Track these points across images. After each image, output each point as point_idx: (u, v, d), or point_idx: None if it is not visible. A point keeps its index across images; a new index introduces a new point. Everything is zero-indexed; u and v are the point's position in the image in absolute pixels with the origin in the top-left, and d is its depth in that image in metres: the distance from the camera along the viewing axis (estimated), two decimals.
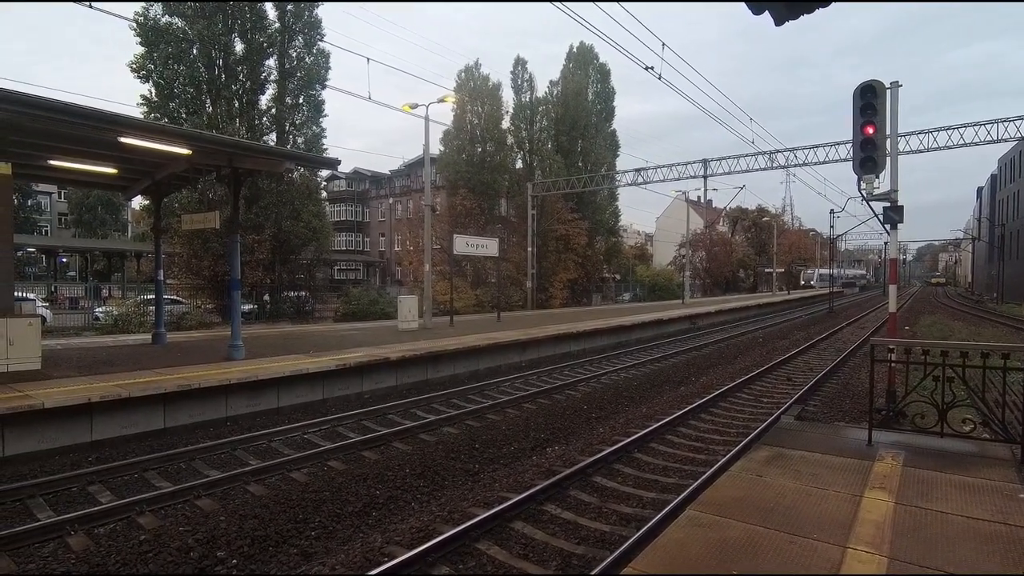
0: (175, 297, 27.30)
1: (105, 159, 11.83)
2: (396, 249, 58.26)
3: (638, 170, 34.53)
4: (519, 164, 42.40)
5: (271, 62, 29.02)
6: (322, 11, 30.33)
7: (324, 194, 39.86)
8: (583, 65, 46.18)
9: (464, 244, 21.02)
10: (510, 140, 41.52)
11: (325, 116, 31.04)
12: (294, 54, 29.70)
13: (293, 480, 7.17)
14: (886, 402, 8.57)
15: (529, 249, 35.67)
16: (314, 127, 30.66)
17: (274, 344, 14.56)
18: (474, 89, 38.61)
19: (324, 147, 30.63)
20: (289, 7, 29.06)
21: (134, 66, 25.89)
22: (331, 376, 11.31)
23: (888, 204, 9.03)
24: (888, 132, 8.84)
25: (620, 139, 48.48)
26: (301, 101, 30.26)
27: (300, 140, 29.98)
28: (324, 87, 30.59)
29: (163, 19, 26.26)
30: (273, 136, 29.15)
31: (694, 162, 32.87)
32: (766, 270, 63.55)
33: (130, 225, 66.45)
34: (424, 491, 6.87)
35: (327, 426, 9.60)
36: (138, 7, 26.36)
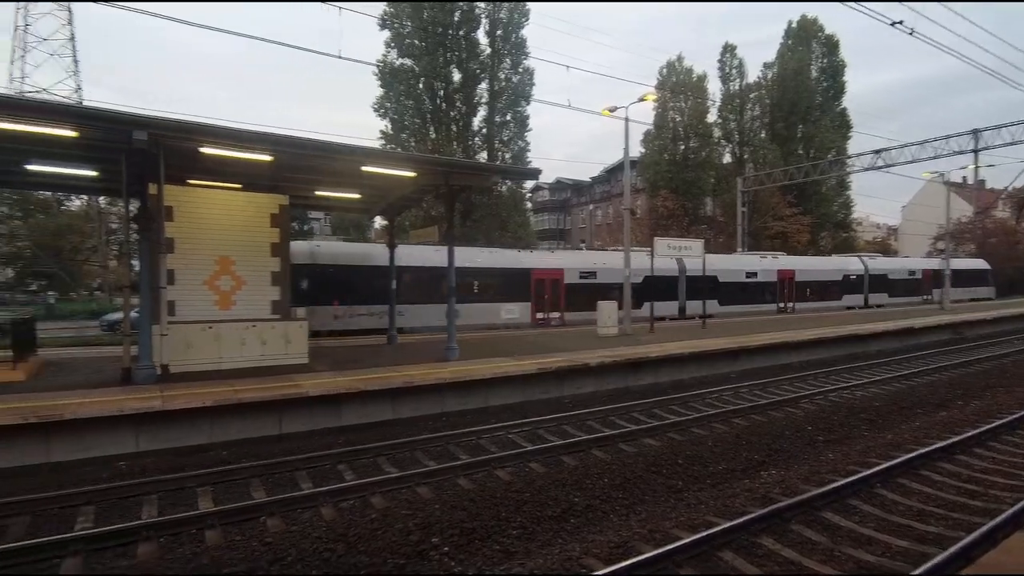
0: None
1: (351, 186, 14.00)
2: None
3: (877, 151, 29.43)
4: (726, 158, 39.48)
5: (483, 85, 31.68)
6: (526, 30, 32.13)
7: (529, 205, 42.03)
8: (804, 40, 41.24)
9: (665, 247, 20.11)
10: (716, 133, 38.95)
11: (529, 130, 32.79)
12: (502, 75, 31.97)
13: (497, 478, 7.54)
14: None
15: (739, 249, 32.81)
16: (520, 142, 32.63)
17: (484, 347, 15.61)
18: (676, 84, 37.11)
19: (528, 160, 32.39)
20: (498, 32, 31.37)
21: (375, 106, 30.51)
22: (533, 379, 11.72)
23: None
24: None
25: (852, 118, 42.01)
26: (508, 118, 32.45)
27: (508, 155, 32.11)
28: (529, 102, 32.34)
29: (397, 62, 30.46)
30: (484, 154, 31.76)
31: (959, 135, 26.90)
32: None
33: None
34: (623, 503, 6.64)
35: (528, 428, 9.94)
36: (379, 54, 31.02)
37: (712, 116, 38.84)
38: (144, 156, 9.35)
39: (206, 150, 9.65)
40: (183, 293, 11.72)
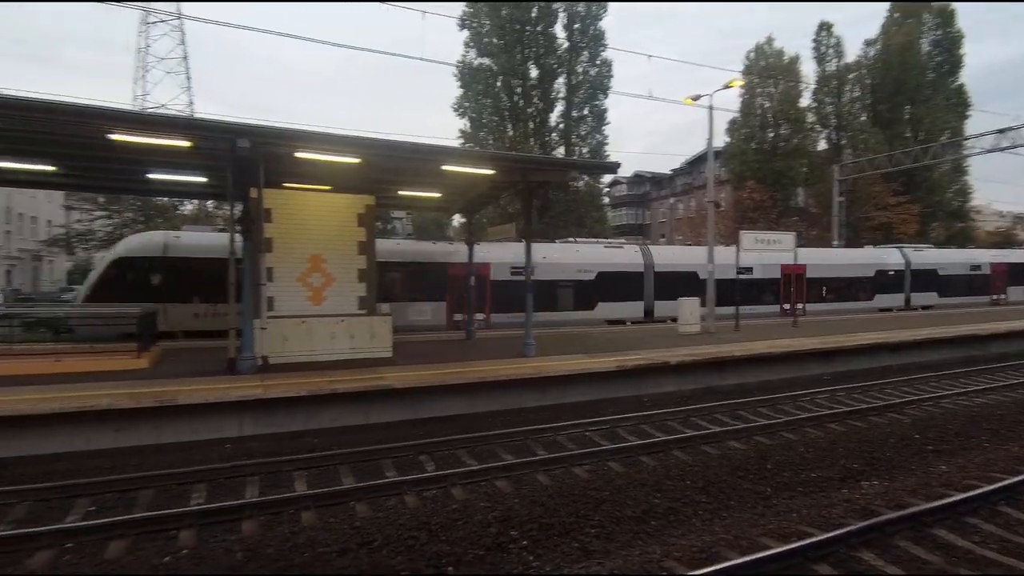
0: None
1: (432, 185, 14.39)
2: None
3: (1002, 131, 26.40)
4: (821, 145, 36.88)
5: (560, 80, 31.53)
6: (605, 21, 31.65)
7: (606, 200, 41.40)
8: (913, 12, 37.67)
9: (752, 241, 19.10)
10: (810, 119, 36.45)
11: (607, 124, 32.25)
12: (580, 69, 31.66)
13: (575, 475, 7.51)
14: None
15: (834, 243, 30.60)
16: (597, 135, 32.19)
17: (559, 344, 15.54)
18: (766, 68, 35.12)
19: (606, 154, 31.92)
20: (576, 25, 31.11)
21: (454, 106, 31.19)
22: (611, 377, 11.55)
23: None
24: None
25: (970, 95, 37.95)
26: (586, 112, 32.10)
27: (585, 150, 31.78)
28: (607, 95, 31.82)
29: (476, 62, 30.95)
30: (561, 149, 31.60)
31: None
32: None
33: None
34: (706, 507, 6.41)
35: (607, 426, 9.82)
36: (458, 54, 31.65)
37: (805, 101, 36.43)
38: (246, 162, 10.10)
39: (301, 154, 10.28)
40: (280, 289, 12.53)
